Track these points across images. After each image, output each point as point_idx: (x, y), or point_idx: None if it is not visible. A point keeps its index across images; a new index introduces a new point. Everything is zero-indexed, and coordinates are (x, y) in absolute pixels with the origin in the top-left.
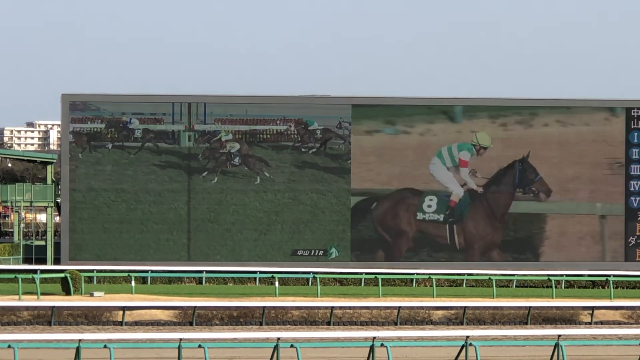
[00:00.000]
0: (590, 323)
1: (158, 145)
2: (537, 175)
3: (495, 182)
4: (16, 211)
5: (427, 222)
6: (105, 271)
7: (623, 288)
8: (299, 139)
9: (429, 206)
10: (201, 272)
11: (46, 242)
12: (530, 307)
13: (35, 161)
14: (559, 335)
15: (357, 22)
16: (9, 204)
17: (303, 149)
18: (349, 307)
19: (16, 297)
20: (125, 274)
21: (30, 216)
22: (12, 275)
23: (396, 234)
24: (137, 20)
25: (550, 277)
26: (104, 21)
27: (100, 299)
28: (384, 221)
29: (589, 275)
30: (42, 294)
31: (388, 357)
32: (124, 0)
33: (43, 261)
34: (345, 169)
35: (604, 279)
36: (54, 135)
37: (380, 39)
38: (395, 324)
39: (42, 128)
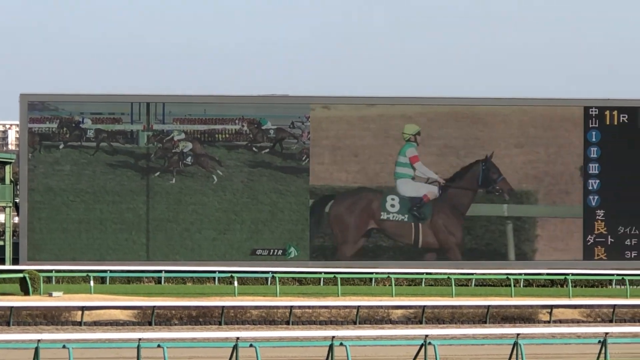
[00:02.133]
0: (549, 322)
1: (112, 145)
2: (499, 176)
3: (457, 181)
4: None
5: (391, 221)
6: (64, 271)
7: (582, 287)
8: (252, 138)
9: (392, 206)
10: (160, 271)
11: (4, 242)
12: (489, 306)
13: None
14: (518, 334)
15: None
16: None
17: (255, 149)
18: (308, 307)
19: None
20: (84, 274)
21: None
22: None
23: (356, 233)
24: (97, 20)
25: (509, 276)
26: (64, 21)
27: (59, 299)
28: (343, 221)
29: (548, 274)
30: (1, 294)
31: (347, 356)
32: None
33: (1, 261)
34: (303, 168)
35: (562, 277)
36: (12, 135)
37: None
38: (355, 323)
39: (0, 128)
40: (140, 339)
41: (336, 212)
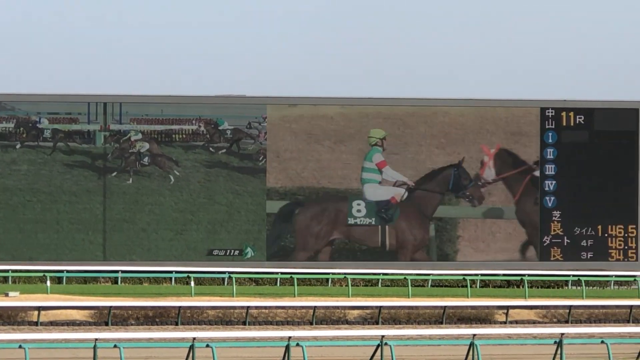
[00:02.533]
0: (505, 322)
1: (69, 145)
2: (470, 181)
3: (427, 184)
4: None
5: (358, 226)
6: (21, 271)
7: (538, 287)
8: (209, 138)
9: (359, 210)
10: (117, 272)
11: None
12: (445, 306)
13: None
14: (474, 335)
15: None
16: None
17: (212, 149)
18: (265, 307)
19: None
20: (41, 274)
21: None
22: None
23: (322, 240)
24: (52, 18)
25: (466, 277)
26: (18, 20)
27: (15, 299)
28: (309, 227)
29: (504, 275)
30: None
31: (303, 356)
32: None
33: None
34: (260, 168)
35: (518, 278)
36: None
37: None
38: (311, 323)
39: None
40: (96, 339)
41: (304, 219)
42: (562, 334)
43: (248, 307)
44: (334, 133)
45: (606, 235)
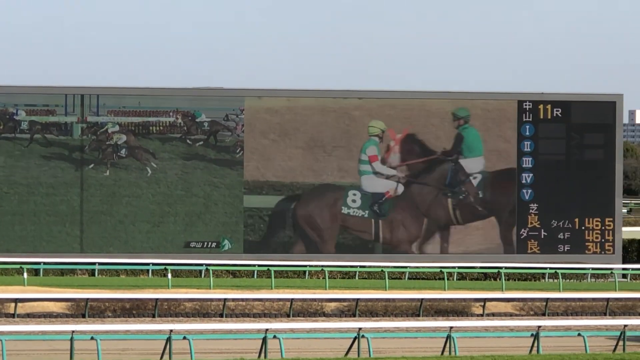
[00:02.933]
0: (482, 315)
1: (46, 137)
2: (467, 177)
3: (423, 178)
4: None
5: (352, 217)
6: None
7: (515, 280)
8: (186, 130)
9: (354, 201)
10: (94, 264)
11: None
12: (422, 299)
13: None
14: (451, 327)
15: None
16: None
17: (189, 141)
18: (242, 299)
19: None
20: (18, 266)
21: None
22: None
23: (318, 231)
24: (29, 10)
25: (443, 269)
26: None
27: None
28: (308, 219)
29: (481, 268)
30: None
31: (280, 348)
32: None
33: None
34: (237, 161)
35: (496, 271)
36: None
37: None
38: (288, 315)
39: None
40: (73, 331)
41: (302, 212)
42: (539, 327)
43: (225, 300)
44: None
45: (583, 228)
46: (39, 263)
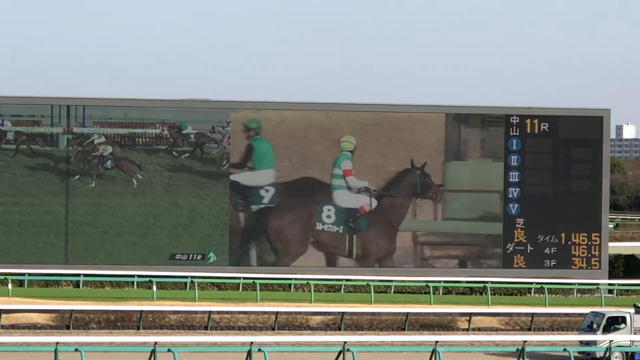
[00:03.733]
0: (467, 329)
1: (32, 147)
2: (432, 182)
3: (392, 190)
4: None
5: (326, 232)
6: None
7: (501, 295)
8: (172, 142)
9: (328, 217)
10: (79, 275)
11: None
12: (408, 313)
13: None
14: (437, 342)
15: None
16: None
17: (175, 153)
18: (227, 312)
19: None
20: (2, 277)
21: None
22: None
23: (292, 244)
24: (17, 22)
25: (429, 284)
26: None
27: None
28: (280, 232)
29: (467, 282)
30: None
31: None
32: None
33: None
34: (223, 173)
35: (481, 285)
36: None
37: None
38: (273, 329)
39: None
40: (57, 343)
41: (276, 224)
42: (525, 342)
43: (210, 312)
44: None
45: (569, 243)
46: (23, 274)
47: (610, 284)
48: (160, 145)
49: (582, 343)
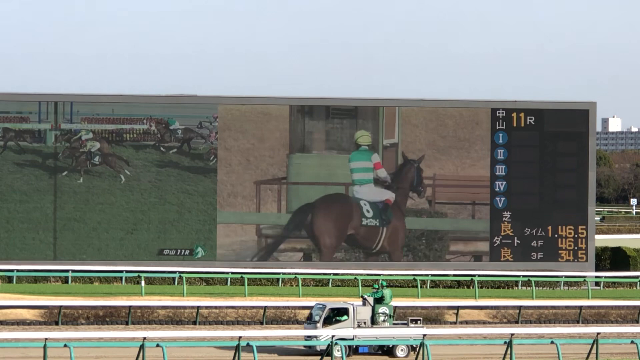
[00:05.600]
0: (455, 322)
1: (20, 144)
2: (422, 177)
3: (398, 182)
4: None
5: (367, 227)
6: None
7: (488, 288)
8: (160, 138)
9: (368, 211)
10: (67, 271)
11: None
12: (395, 306)
13: None
14: (424, 335)
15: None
16: None
17: (162, 149)
18: (215, 307)
19: None
20: None
21: None
22: None
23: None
24: (6, 18)
25: (416, 277)
26: None
27: None
28: (324, 229)
29: (455, 275)
30: None
31: (254, 356)
32: None
33: None
34: (211, 168)
35: (469, 278)
36: None
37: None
38: (262, 323)
39: None
40: (46, 339)
41: (317, 221)
42: (512, 334)
43: (198, 307)
44: None
45: (556, 236)
46: (12, 270)
47: (597, 277)
48: (148, 141)
49: (306, 338)
